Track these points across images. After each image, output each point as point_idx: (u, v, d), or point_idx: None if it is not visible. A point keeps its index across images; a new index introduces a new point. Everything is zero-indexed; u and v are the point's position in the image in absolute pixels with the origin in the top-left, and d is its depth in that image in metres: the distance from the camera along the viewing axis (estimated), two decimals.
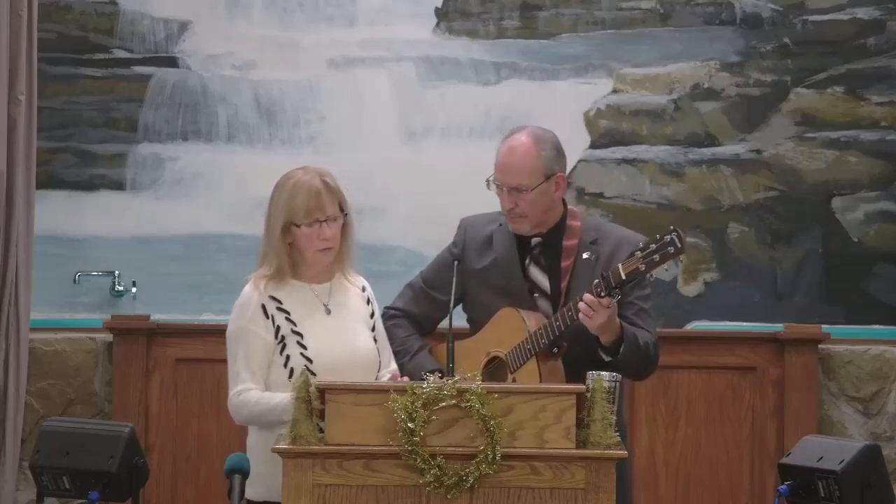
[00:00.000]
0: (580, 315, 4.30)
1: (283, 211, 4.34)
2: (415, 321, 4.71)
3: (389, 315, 4.70)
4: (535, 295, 4.55)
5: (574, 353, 4.43)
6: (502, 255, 4.60)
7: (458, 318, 4.56)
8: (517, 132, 4.58)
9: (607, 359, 4.38)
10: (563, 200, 4.62)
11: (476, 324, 4.64)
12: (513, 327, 4.47)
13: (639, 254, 4.24)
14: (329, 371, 4.23)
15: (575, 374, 4.31)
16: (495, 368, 4.54)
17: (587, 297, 4.29)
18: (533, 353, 4.42)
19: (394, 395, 3.86)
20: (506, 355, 4.49)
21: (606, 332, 4.37)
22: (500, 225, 4.64)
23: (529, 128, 4.60)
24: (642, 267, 4.23)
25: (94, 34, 6.38)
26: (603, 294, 4.27)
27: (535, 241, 4.58)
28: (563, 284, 4.51)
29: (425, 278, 4.75)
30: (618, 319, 4.37)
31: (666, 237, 4.22)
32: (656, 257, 4.22)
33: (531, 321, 4.45)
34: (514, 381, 4.45)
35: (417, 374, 4.45)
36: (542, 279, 4.57)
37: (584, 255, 4.51)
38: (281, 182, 4.39)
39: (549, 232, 4.58)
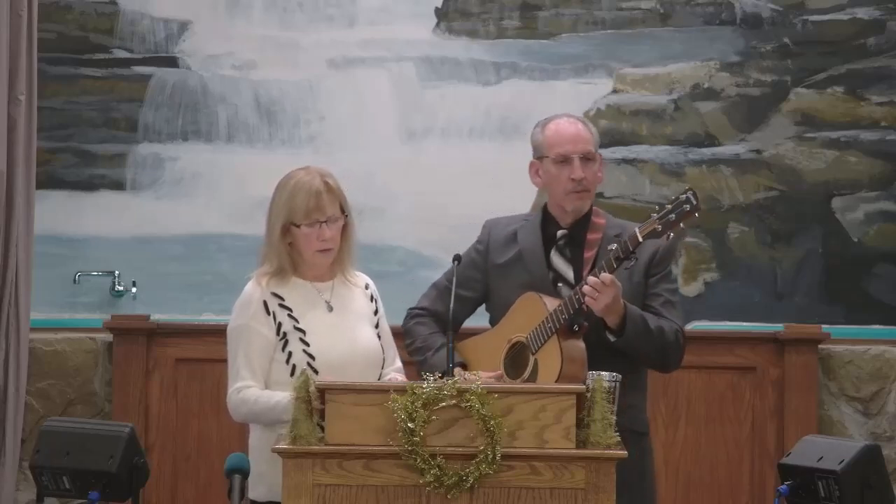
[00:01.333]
0: (585, 298, 4.30)
1: (284, 211, 4.34)
2: (439, 320, 4.70)
3: (413, 314, 4.71)
4: (559, 285, 4.56)
5: (596, 338, 4.43)
6: (527, 247, 4.62)
7: (478, 319, 4.58)
8: (553, 118, 4.64)
9: (612, 339, 4.38)
10: None
11: (497, 322, 4.66)
12: (534, 311, 4.48)
13: (655, 216, 4.27)
14: (331, 368, 4.24)
15: (598, 359, 4.32)
16: (516, 354, 4.54)
17: (591, 279, 4.30)
18: (553, 330, 4.41)
19: (394, 395, 3.86)
20: (527, 337, 4.49)
21: (612, 314, 4.38)
22: (526, 221, 4.68)
23: (562, 114, 4.67)
24: (659, 227, 4.25)
25: (94, 34, 6.38)
26: (621, 256, 4.28)
27: (560, 233, 4.61)
28: (586, 273, 4.52)
29: (449, 277, 4.75)
30: (623, 301, 4.38)
31: (682, 196, 4.25)
32: (672, 217, 4.24)
33: (551, 303, 4.46)
34: (535, 361, 4.45)
35: (440, 369, 4.45)
36: (565, 269, 4.58)
37: (609, 248, 4.53)
38: (282, 182, 4.40)
39: (574, 224, 4.60)
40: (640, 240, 4.29)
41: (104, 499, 4.40)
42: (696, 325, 6.23)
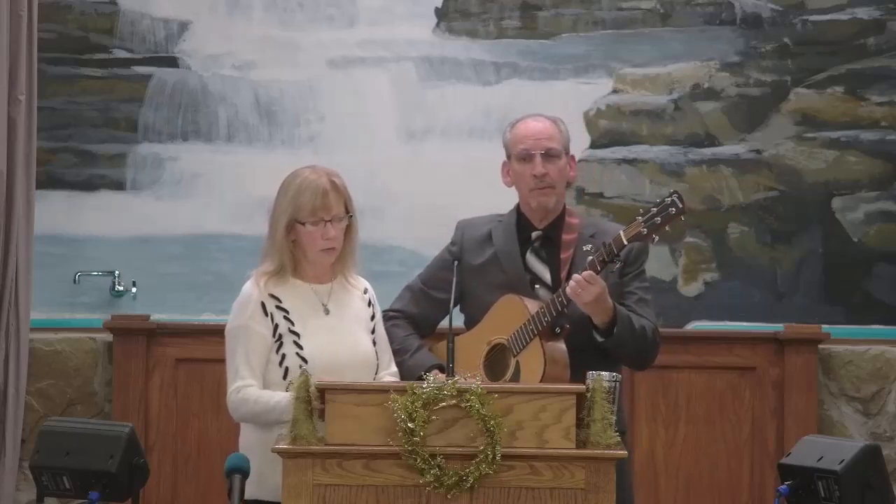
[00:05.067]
0: (569, 292, 4.30)
1: (289, 208, 4.35)
2: (414, 322, 4.71)
3: (388, 317, 4.69)
4: (537, 286, 4.57)
5: (577, 341, 4.43)
6: (502, 247, 4.62)
7: (457, 320, 4.58)
8: (522, 118, 4.69)
9: (601, 339, 4.38)
10: None
11: (474, 323, 4.65)
12: (515, 313, 4.48)
13: (640, 219, 4.26)
14: (325, 371, 4.23)
15: (578, 362, 4.32)
16: (496, 356, 4.53)
17: (575, 276, 4.31)
18: (535, 333, 4.41)
19: (394, 395, 3.86)
20: (508, 340, 4.49)
21: (598, 313, 4.38)
22: (500, 221, 4.68)
23: (532, 113, 4.71)
24: (644, 230, 4.25)
25: (94, 34, 6.38)
26: (606, 260, 4.28)
27: (535, 234, 4.61)
28: (564, 274, 4.53)
29: (424, 279, 4.76)
30: (610, 301, 4.38)
31: (667, 199, 4.26)
32: (658, 220, 4.24)
33: (532, 305, 4.46)
34: (517, 364, 4.45)
35: (419, 370, 4.47)
36: (542, 270, 4.59)
37: (585, 248, 4.54)
38: (288, 179, 4.40)
39: (549, 226, 4.61)
40: (626, 243, 4.29)
41: (104, 499, 4.39)
42: (696, 325, 6.24)
